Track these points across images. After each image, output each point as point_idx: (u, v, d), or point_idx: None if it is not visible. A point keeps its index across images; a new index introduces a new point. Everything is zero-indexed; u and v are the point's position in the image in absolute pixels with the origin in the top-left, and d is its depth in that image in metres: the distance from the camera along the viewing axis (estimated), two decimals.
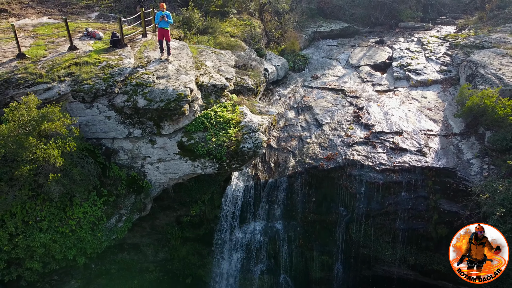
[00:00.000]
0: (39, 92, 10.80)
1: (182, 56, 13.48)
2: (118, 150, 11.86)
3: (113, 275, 15.91)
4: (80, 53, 12.55)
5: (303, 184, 15.18)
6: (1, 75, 11.05)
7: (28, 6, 17.10)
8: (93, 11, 17.90)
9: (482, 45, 20.06)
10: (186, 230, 15.95)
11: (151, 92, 11.17)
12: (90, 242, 10.99)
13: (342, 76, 22.12)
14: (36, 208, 10.10)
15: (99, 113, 11.28)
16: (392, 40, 27.17)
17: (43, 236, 10.08)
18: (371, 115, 17.26)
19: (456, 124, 16.19)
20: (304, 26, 28.79)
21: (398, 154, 14.93)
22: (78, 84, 11.13)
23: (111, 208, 11.35)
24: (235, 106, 13.09)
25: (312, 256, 15.67)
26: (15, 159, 9.49)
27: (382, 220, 14.53)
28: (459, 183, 13.72)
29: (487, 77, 16.25)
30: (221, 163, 11.56)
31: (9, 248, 9.92)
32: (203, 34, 18.60)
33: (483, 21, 27.44)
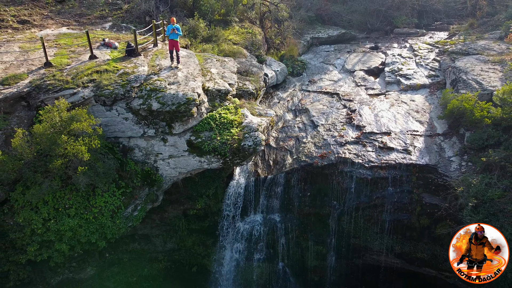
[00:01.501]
0: (66, 96, 12.49)
1: (190, 64, 15.20)
2: (133, 147, 13.55)
3: (125, 263, 17.53)
4: (100, 61, 14.27)
5: (299, 180, 16.79)
6: (33, 82, 12.78)
7: (48, 17, 18.87)
8: (106, 21, 19.67)
9: (468, 52, 21.69)
10: (192, 222, 17.54)
11: (163, 97, 12.87)
12: (110, 228, 12.65)
13: (337, 80, 23.77)
14: (65, 197, 11.77)
15: (118, 115, 12.98)
16: (387, 46, 28.83)
17: (71, 221, 11.74)
18: (362, 117, 18.89)
19: (440, 125, 17.80)
20: (303, 32, 30.47)
21: (385, 153, 16.54)
22: (99, 89, 12.84)
23: (128, 198, 13.02)
24: (237, 109, 14.77)
25: (307, 246, 17.28)
26: (48, 154, 11.17)
27: (371, 212, 16.13)
28: (440, 178, 15.34)
29: (468, 82, 17.88)
30: (225, 159, 13.25)
31: (42, 231, 11.58)
32: (208, 42, 20.32)
33: (473, 28, 29.03)
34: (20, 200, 11.48)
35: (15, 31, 17.23)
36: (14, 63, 13.96)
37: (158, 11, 20.72)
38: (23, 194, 11.50)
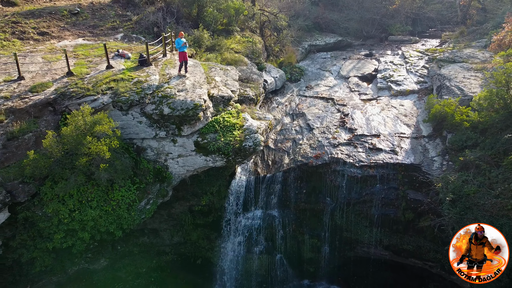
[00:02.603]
0: (87, 102, 14.24)
1: (196, 73, 17.00)
2: (146, 148, 15.31)
3: (135, 256, 19.22)
4: (116, 71, 16.08)
5: (296, 178, 18.51)
6: (58, 89, 14.58)
7: (64, 29, 20.73)
8: (118, 32, 21.53)
9: (454, 60, 23.48)
10: (197, 217, 19.23)
11: (173, 102, 14.64)
12: (126, 219, 14.35)
13: (333, 86, 25.59)
14: (88, 191, 13.51)
15: (133, 119, 14.74)
16: (380, 53, 30.69)
17: (93, 212, 13.46)
18: (354, 121, 20.65)
19: (425, 128, 19.54)
20: (301, 40, 32.36)
21: (374, 153, 18.28)
22: (117, 96, 14.63)
23: (142, 193, 14.75)
24: (239, 113, 16.54)
25: (303, 239, 18.96)
26: (74, 153, 12.92)
27: (361, 208, 17.82)
28: (423, 176, 17.02)
29: (451, 89, 19.67)
30: (228, 157, 15.00)
31: (68, 221, 13.30)
32: (211, 51, 22.16)
33: (463, 36, 30.88)
34: (49, 193, 13.23)
35: (36, 42, 19.08)
36: (40, 72, 15.78)
37: (165, 23, 22.59)
38: (52, 188, 13.25)
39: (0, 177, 12.63)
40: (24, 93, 14.22)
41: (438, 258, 16.96)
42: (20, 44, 18.49)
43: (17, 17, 20.29)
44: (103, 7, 24.02)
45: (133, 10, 24.19)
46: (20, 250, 13.90)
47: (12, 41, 18.54)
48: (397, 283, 18.97)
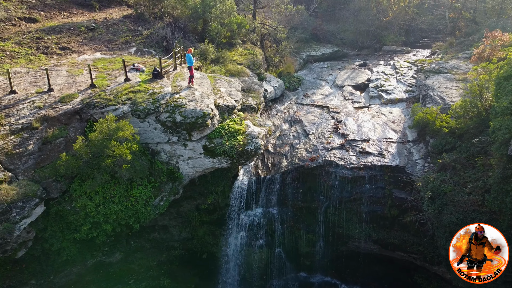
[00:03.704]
0: (110, 111, 16.55)
1: (204, 84, 19.34)
2: (160, 151, 17.57)
3: (147, 250, 21.37)
4: (133, 83, 18.41)
5: (293, 179, 20.75)
6: (84, 100, 16.89)
7: (83, 44, 23.13)
8: (131, 47, 23.93)
9: (439, 71, 25.83)
10: (203, 215, 21.42)
11: (184, 111, 16.93)
12: (143, 213, 16.55)
13: (328, 94, 27.93)
14: (111, 188, 15.74)
15: (149, 126, 17.02)
16: (374, 63, 33.07)
17: (115, 206, 15.67)
18: (347, 127, 22.94)
19: (411, 133, 21.81)
20: (299, 50, 34.80)
21: (364, 156, 20.54)
22: (135, 106, 16.93)
23: (156, 191, 16.98)
24: (242, 121, 18.83)
25: (300, 235, 21.14)
26: (100, 155, 15.18)
27: (351, 205, 20.03)
28: (407, 177, 19.25)
29: (434, 98, 21.98)
30: (232, 159, 17.26)
31: (94, 214, 15.51)
32: (216, 63, 24.53)
33: (452, 46, 33.24)
34: (78, 190, 15.46)
35: (59, 56, 21.46)
36: (66, 84, 18.12)
37: (174, 37, 25.01)
38: (80, 186, 15.49)
39: (37, 176, 14.91)
40: (54, 103, 16.54)
41: (420, 251, 19.12)
42: (45, 59, 20.86)
43: (40, 33, 22.70)
44: (116, 22, 26.47)
45: (143, 25, 26.63)
46: (51, 241, 16.12)
47: (38, 55, 20.92)
48: (386, 275, 21.09)
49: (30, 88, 17.49)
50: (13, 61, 20.00)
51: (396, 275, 20.95)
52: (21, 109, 15.95)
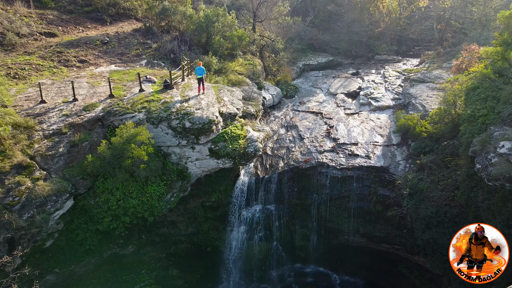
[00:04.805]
0: (128, 119, 19.28)
1: (209, 94, 22.11)
2: (171, 153, 20.27)
3: (157, 244, 23.98)
4: (146, 93, 21.16)
5: (289, 179, 23.42)
6: (105, 108, 19.62)
7: (98, 57, 25.94)
8: (142, 59, 26.75)
9: (423, 80, 28.62)
10: (207, 211, 24.05)
11: (193, 118, 19.66)
12: (156, 207, 19.19)
13: (322, 101, 30.71)
14: (129, 185, 18.41)
15: (161, 131, 19.73)
16: (366, 72, 35.91)
17: (133, 201, 18.32)
18: (338, 132, 25.67)
19: (395, 138, 24.53)
20: (296, 60, 37.66)
21: (352, 158, 23.23)
22: (149, 113, 19.65)
23: (168, 188, 19.65)
24: (242, 126, 21.56)
25: (295, 229, 23.77)
26: (121, 156, 17.88)
27: (341, 202, 22.69)
28: (390, 176, 21.93)
29: (416, 105, 24.74)
30: (234, 160, 19.95)
31: (115, 207, 18.15)
32: (219, 73, 27.33)
33: (439, 56, 36.07)
34: (101, 187, 18.14)
35: (78, 69, 24.26)
36: (87, 95, 20.88)
37: (180, 50, 27.83)
38: (103, 183, 18.16)
39: (67, 174, 17.61)
40: (79, 111, 19.27)
41: (402, 242, 21.75)
42: (66, 71, 23.65)
43: (60, 47, 25.52)
44: (126, 36, 29.32)
45: (152, 38, 29.49)
46: (77, 231, 18.76)
47: (60, 68, 23.72)
48: (373, 265, 23.69)
49: (57, 98, 20.24)
50: (39, 73, 22.79)
51: (382, 266, 23.55)
52: (51, 117, 18.69)
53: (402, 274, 22.87)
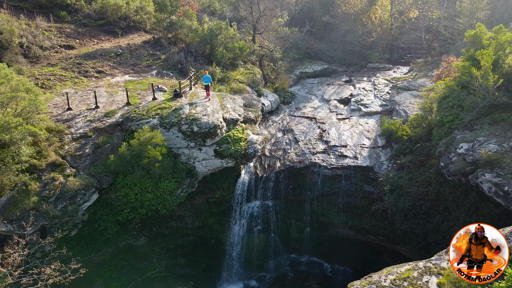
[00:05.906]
0: (144, 124, 22.49)
1: (214, 102, 25.37)
2: (180, 154, 23.48)
3: (166, 236, 27.11)
4: (159, 101, 24.39)
5: (285, 177, 26.58)
6: (123, 115, 22.84)
7: (113, 67, 29.20)
8: (152, 69, 30.02)
9: (409, 88, 31.84)
10: (212, 207, 27.15)
11: (200, 123, 22.88)
12: (168, 201, 22.36)
13: (317, 107, 33.93)
14: (146, 181, 21.59)
15: (173, 134, 22.94)
16: (358, 79, 39.15)
17: (149, 195, 21.49)
18: (330, 135, 28.87)
19: (381, 140, 27.73)
20: (293, 68, 40.90)
21: (342, 159, 26.42)
22: (162, 119, 22.86)
23: (178, 184, 22.83)
24: (243, 130, 24.78)
25: (290, 223, 26.90)
26: (139, 156, 21.07)
27: (331, 198, 25.84)
28: (374, 175, 25.12)
29: (399, 111, 27.97)
30: (236, 160, 23.19)
31: (133, 200, 21.32)
32: (222, 82, 30.59)
33: (427, 65, 39.27)
34: (121, 182, 21.32)
35: (97, 79, 27.53)
36: (107, 102, 24.11)
37: (187, 61, 31.12)
38: (123, 179, 21.34)
39: (93, 171, 20.83)
40: (101, 117, 22.51)
41: (385, 233, 24.89)
42: (86, 81, 26.93)
43: (79, 59, 28.80)
44: (137, 48, 32.63)
45: (161, 49, 32.79)
46: (99, 221, 21.94)
47: (80, 78, 26.99)
48: (361, 256, 26.73)
49: (81, 106, 23.50)
50: (62, 83, 26.07)
51: (369, 256, 26.57)
52: (77, 122, 21.92)
53: (386, 263, 25.51)
